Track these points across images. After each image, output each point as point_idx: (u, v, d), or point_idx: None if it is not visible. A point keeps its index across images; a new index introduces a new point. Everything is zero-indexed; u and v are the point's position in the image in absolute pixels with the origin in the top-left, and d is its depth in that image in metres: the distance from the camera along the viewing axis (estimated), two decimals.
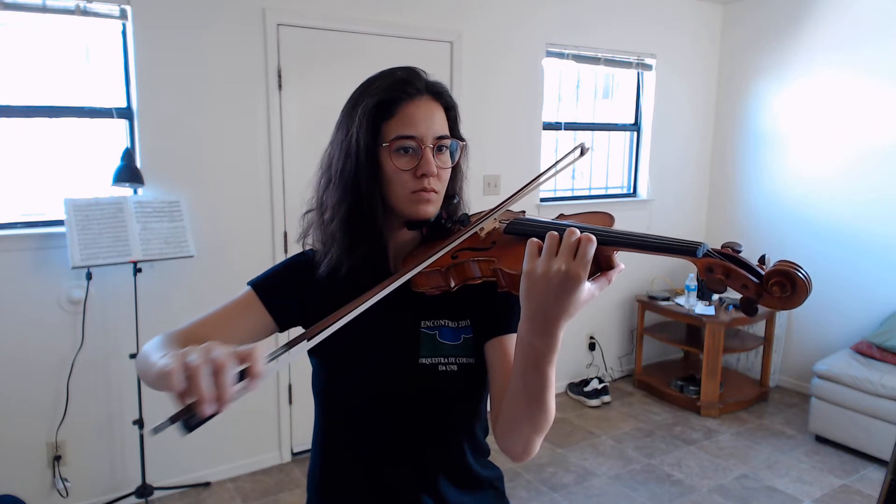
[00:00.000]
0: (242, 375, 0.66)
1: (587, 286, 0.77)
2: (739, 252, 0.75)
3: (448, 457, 1.07)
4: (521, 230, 0.91)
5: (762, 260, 0.74)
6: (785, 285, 0.70)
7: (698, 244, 0.74)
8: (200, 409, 0.63)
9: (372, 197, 0.99)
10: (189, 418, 0.63)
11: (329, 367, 1.07)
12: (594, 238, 0.76)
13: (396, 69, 1.03)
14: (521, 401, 0.87)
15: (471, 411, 1.08)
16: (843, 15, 3.93)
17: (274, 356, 0.73)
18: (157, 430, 0.64)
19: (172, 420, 0.63)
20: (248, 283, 1.09)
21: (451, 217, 1.06)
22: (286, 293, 1.07)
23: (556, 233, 0.77)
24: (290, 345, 0.78)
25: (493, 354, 1.02)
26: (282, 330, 1.08)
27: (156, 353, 0.89)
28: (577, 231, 0.76)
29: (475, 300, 1.04)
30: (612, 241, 0.79)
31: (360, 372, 1.03)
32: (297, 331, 1.11)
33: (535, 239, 0.80)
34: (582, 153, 1.02)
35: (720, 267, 0.74)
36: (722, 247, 0.76)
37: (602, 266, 0.81)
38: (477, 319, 1.05)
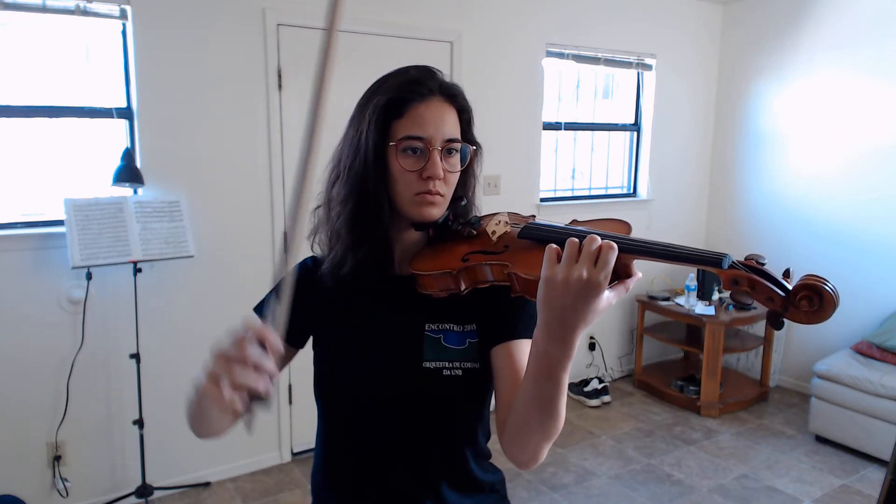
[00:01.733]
0: (263, 346, 0.76)
1: (605, 294, 0.76)
2: (764, 265, 0.74)
3: (450, 461, 1.06)
4: (537, 235, 0.90)
5: (786, 273, 0.74)
6: (813, 299, 0.69)
7: (723, 255, 0.73)
8: (260, 393, 0.73)
9: (378, 195, 0.98)
10: (259, 403, 0.75)
11: (332, 367, 1.07)
12: (615, 246, 0.74)
13: (411, 67, 1.01)
14: (533, 407, 0.86)
15: (474, 416, 1.07)
16: (843, 15, 3.93)
17: (271, 319, 0.82)
18: (248, 426, 0.76)
19: (251, 412, 0.75)
20: (254, 310, 1.08)
21: (459, 219, 1.03)
22: (293, 312, 1.01)
23: (576, 239, 0.76)
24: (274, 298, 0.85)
25: (499, 360, 1.00)
26: (301, 346, 1.09)
27: (191, 398, 0.95)
28: (598, 238, 0.75)
29: (481, 304, 1.03)
30: (633, 250, 0.78)
31: (363, 374, 1.03)
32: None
33: (554, 245, 0.78)
34: None
35: (746, 279, 0.73)
36: (746, 259, 0.75)
37: (620, 274, 0.79)
38: (483, 324, 1.04)
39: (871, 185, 3.88)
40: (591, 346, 4.42)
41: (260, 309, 1.08)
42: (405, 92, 0.97)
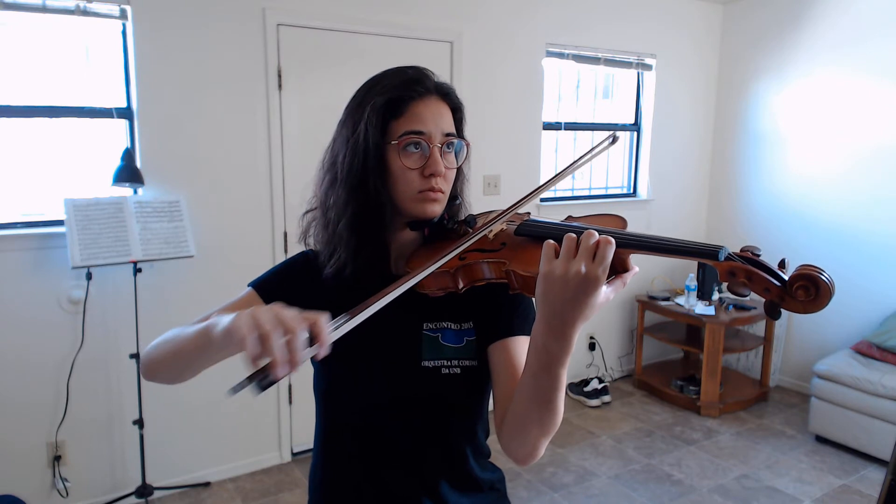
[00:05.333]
0: (311, 341, 0.70)
1: (603, 289, 0.77)
2: (759, 256, 0.75)
3: (449, 459, 1.07)
4: (533, 232, 0.90)
5: (782, 263, 0.75)
6: (809, 289, 0.70)
7: (719, 247, 0.74)
8: (275, 371, 0.66)
9: (379, 195, 0.98)
10: (262, 379, 0.66)
11: (331, 368, 1.06)
12: (613, 240, 0.75)
13: (405, 68, 1.02)
14: (531, 403, 0.86)
15: (473, 414, 1.08)
16: (843, 15, 3.93)
17: (336, 325, 0.76)
18: (234, 390, 0.67)
19: (249, 380, 0.67)
20: (249, 284, 1.08)
21: (453, 218, 1.05)
22: (288, 293, 1.06)
23: (574, 234, 0.77)
24: (352, 314, 0.79)
25: (497, 357, 1.01)
26: None
27: (188, 328, 0.91)
28: (596, 233, 0.76)
29: (478, 302, 1.03)
30: (630, 244, 0.78)
31: (363, 374, 1.03)
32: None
33: (551, 241, 0.79)
34: (613, 141, 1.02)
35: (742, 271, 0.74)
36: (741, 250, 0.76)
37: (617, 269, 0.80)
38: (480, 322, 1.04)
39: (871, 185, 3.88)
40: (591, 346, 4.41)
41: (255, 284, 1.08)
42: (403, 91, 0.97)
